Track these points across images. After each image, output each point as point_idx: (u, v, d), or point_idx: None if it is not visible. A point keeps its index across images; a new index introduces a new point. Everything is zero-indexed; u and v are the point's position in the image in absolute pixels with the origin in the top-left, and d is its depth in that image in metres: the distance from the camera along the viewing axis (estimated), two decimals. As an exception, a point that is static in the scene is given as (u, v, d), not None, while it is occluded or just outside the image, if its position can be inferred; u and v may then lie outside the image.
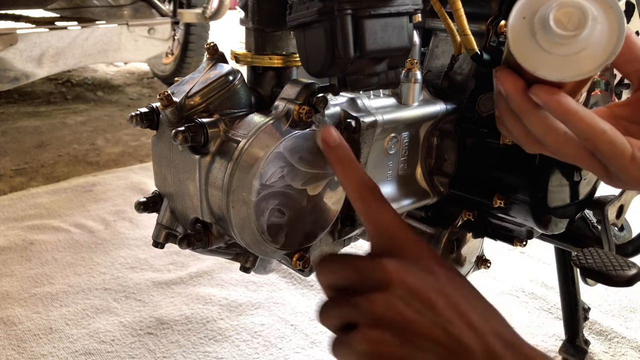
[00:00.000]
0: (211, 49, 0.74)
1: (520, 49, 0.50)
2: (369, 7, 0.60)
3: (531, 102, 0.52)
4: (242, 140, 0.65)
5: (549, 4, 0.49)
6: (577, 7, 0.48)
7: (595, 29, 0.48)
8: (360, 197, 0.50)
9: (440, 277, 0.46)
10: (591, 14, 0.48)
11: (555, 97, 0.50)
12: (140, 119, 0.71)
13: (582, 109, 0.50)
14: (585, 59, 0.49)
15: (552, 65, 0.49)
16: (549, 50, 0.49)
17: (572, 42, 0.48)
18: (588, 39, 0.48)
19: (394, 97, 0.81)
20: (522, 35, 0.50)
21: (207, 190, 0.67)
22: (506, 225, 0.90)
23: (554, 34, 0.48)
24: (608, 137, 0.49)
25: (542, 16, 0.49)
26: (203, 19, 3.23)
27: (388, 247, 0.48)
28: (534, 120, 0.53)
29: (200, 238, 0.69)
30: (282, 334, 1.30)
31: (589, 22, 0.48)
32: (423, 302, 0.44)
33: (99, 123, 3.02)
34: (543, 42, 0.49)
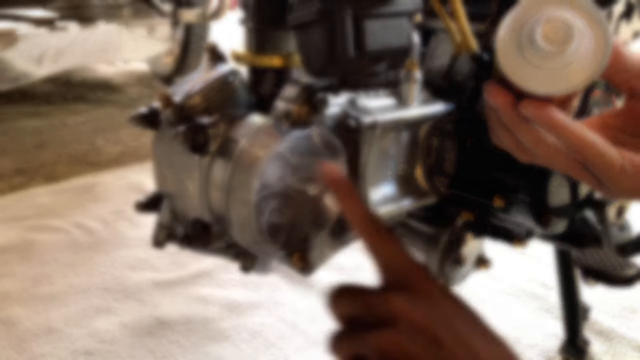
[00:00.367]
0: (211, 49, 0.74)
1: (509, 62, 0.51)
2: (369, 7, 0.60)
3: (521, 115, 0.52)
4: (242, 140, 0.65)
5: (536, 19, 0.49)
6: (564, 22, 0.48)
7: (582, 43, 0.48)
8: (366, 232, 0.51)
9: (447, 310, 0.47)
10: (577, 28, 0.48)
11: (544, 111, 0.50)
12: (140, 119, 0.71)
13: (572, 122, 0.50)
14: (573, 72, 0.49)
15: (540, 80, 0.50)
16: (536, 64, 0.49)
17: (559, 57, 0.49)
18: (575, 53, 0.48)
19: (394, 97, 0.81)
20: (510, 48, 0.51)
21: (207, 190, 0.67)
22: (506, 225, 0.90)
23: (541, 48, 0.49)
24: (597, 149, 0.50)
25: (529, 30, 0.50)
26: (203, 19, 3.23)
27: (395, 281, 0.49)
28: (525, 133, 0.53)
29: (200, 238, 0.69)
30: (282, 334, 1.30)
31: (575, 37, 0.48)
32: (429, 338, 0.44)
33: (99, 123, 3.02)
34: (530, 56, 0.50)
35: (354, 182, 0.75)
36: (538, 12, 0.50)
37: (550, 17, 0.49)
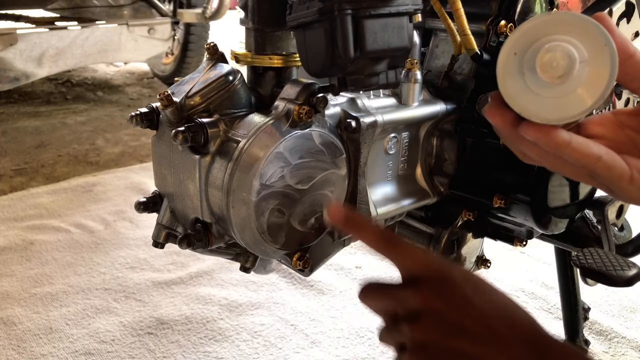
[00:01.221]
0: (211, 49, 0.74)
1: (508, 87, 0.49)
2: (369, 7, 0.60)
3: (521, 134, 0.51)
4: (242, 140, 0.65)
5: (538, 45, 0.47)
6: (564, 53, 0.46)
7: (584, 71, 0.46)
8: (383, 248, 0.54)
9: (465, 291, 0.50)
10: (579, 58, 0.46)
11: (544, 133, 0.49)
12: (140, 119, 0.71)
13: (575, 139, 0.49)
14: (574, 102, 0.47)
15: (540, 107, 0.48)
16: (536, 92, 0.48)
17: (560, 86, 0.47)
18: (577, 81, 0.47)
19: (394, 97, 0.81)
20: (511, 73, 0.49)
21: (207, 190, 0.67)
22: (506, 225, 0.90)
23: (541, 78, 0.47)
24: (604, 163, 0.49)
25: (530, 57, 0.48)
26: (203, 19, 3.23)
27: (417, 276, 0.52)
28: (527, 149, 0.53)
29: (200, 238, 0.69)
30: (282, 334, 1.30)
31: (576, 67, 0.46)
32: (452, 323, 0.49)
33: (99, 123, 3.02)
34: (531, 83, 0.48)
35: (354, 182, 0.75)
36: (539, 37, 0.47)
37: (550, 46, 0.47)
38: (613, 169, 0.49)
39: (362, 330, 1.32)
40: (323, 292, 1.46)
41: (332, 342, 1.28)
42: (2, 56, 2.63)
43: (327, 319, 1.36)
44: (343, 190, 0.73)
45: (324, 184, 0.70)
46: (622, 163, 0.50)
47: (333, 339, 1.29)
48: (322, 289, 1.47)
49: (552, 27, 0.47)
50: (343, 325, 1.33)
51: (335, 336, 1.30)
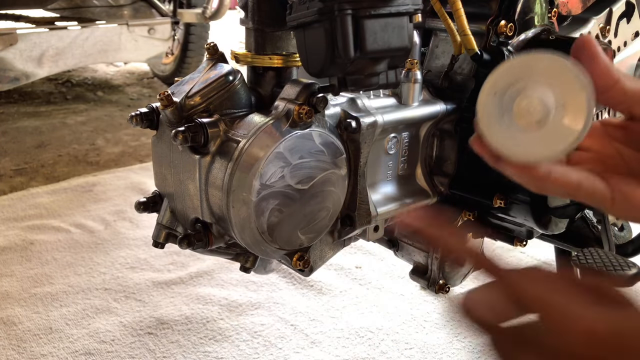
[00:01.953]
0: (211, 49, 0.74)
1: (488, 125, 0.50)
2: (369, 7, 0.60)
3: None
4: (242, 140, 0.65)
5: (516, 88, 0.48)
6: (540, 100, 0.47)
7: (561, 114, 0.47)
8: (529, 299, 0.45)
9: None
10: (556, 101, 0.47)
11: (522, 170, 0.50)
12: (140, 119, 0.71)
13: (554, 169, 0.49)
14: (551, 142, 0.47)
15: (517, 148, 0.49)
16: (513, 133, 0.48)
17: (536, 131, 0.48)
18: (553, 124, 0.47)
19: (394, 97, 0.81)
20: (491, 112, 0.50)
21: (207, 190, 0.67)
22: (506, 225, 0.90)
23: (517, 123, 0.48)
24: (585, 190, 0.49)
25: (508, 100, 0.48)
26: (203, 19, 3.23)
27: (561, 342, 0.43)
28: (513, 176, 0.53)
29: (200, 238, 0.69)
30: (282, 334, 1.30)
31: (552, 112, 0.47)
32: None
33: (99, 123, 3.02)
34: (509, 124, 0.49)
35: (354, 182, 0.75)
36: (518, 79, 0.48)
37: (527, 92, 0.47)
38: (594, 194, 0.50)
39: (362, 330, 1.32)
40: (323, 292, 1.46)
41: (332, 342, 1.28)
42: (2, 56, 2.63)
43: (327, 319, 1.36)
44: (343, 190, 0.73)
45: (324, 184, 0.70)
46: (603, 187, 0.50)
47: (333, 339, 1.29)
48: (322, 289, 1.47)
49: (529, 69, 0.48)
50: (343, 325, 1.33)
51: (335, 336, 1.30)
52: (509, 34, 0.82)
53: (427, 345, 1.27)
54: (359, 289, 1.48)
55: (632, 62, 1.11)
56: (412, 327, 1.33)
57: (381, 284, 1.50)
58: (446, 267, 0.92)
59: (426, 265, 0.92)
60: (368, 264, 1.60)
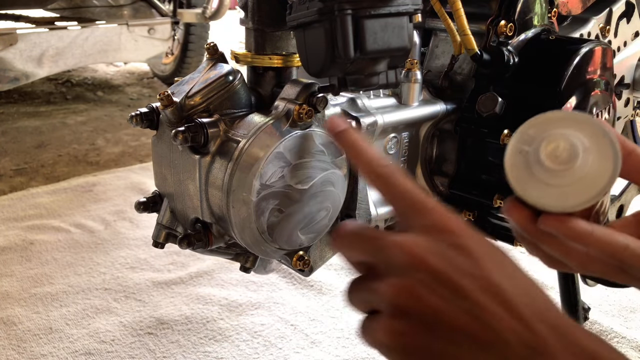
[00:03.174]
0: (211, 49, 0.74)
1: (520, 182, 0.51)
2: (369, 7, 0.60)
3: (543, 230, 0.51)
4: (242, 140, 0.65)
5: (539, 139, 0.49)
6: (566, 141, 0.48)
7: (589, 158, 0.48)
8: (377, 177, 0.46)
9: (471, 253, 0.41)
10: (581, 146, 0.48)
11: (564, 224, 0.49)
12: (140, 119, 0.71)
13: (597, 229, 0.49)
14: (584, 187, 0.48)
15: (552, 197, 0.49)
16: (547, 182, 0.49)
17: (567, 174, 0.48)
18: (583, 168, 0.48)
19: (394, 97, 0.81)
20: (520, 169, 0.51)
21: (207, 190, 0.67)
22: (506, 225, 0.90)
23: (548, 168, 0.49)
24: (632, 251, 0.48)
25: (534, 151, 0.50)
26: (203, 19, 3.23)
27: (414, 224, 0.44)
28: (552, 247, 0.52)
29: (200, 238, 0.69)
30: (282, 334, 1.30)
31: (579, 154, 0.48)
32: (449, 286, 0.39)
33: (99, 123, 3.02)
34: (540, 175, 0.50)
35: (354, 182, 0.75)
36: (541, 132, 0.50)
37: (552, 136, 0.49)
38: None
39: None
40: (323, 292, 1.46)
41: (332, 342, 1.28)
42: (2, 56, 2.63)
43: (327, 319, 1.36)
44: (343, 190, 0.73)
45: (324, 184, 0.70)
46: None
47: (333, 339, 1.29)
48: (322, 289, 1.47)
49: (550, 124, 0.50)
50: (343, 325, 1.33)
51: (335, 336, 1.30)
52: (509, 34, 0.82)
53: (427, 345, 1.27)
54: (359, 289, 1.48)
55: (632, 62, 1.11)
56: (412, 327, 1.33)
57: (381, 284, 1.50)
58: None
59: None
60: (368, 264, 1.60)
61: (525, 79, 0.83)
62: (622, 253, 0.48)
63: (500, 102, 0.78)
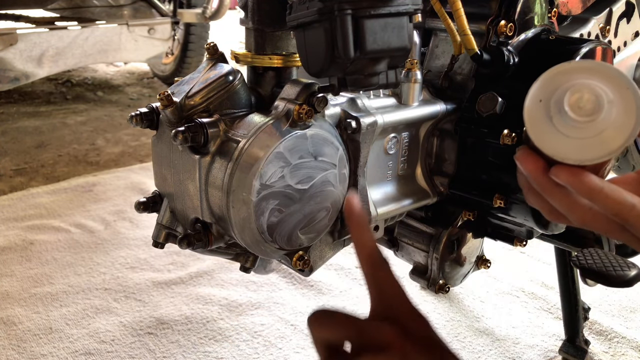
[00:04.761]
0: (211, 49, 0.74)
1: (538, 132, 0.50)
2: (369, 7, 0.60)
3: (553, 181, 0.51)
4: (242, 140, 0.65)
5: (564, 88, 0.48)
6: (592, 93, 0.47)
7: (612, 112, 0.47)
8: (370, 263, 0.51)
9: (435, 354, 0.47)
10: (606, 98, 0.47)
11: (577, 177, 0.49)
12: (140, 119, 0.71)
13: (608, 185, 0.49)
14: (604, 141, 0.48)
15: (571, 148, 0.49)
16: (566, 133, 0.49)
17: (589, 126, 0.48)
18: (605, 121, 0.47)
19: (394, 97, 0.81)
20: (539, 118, 0.50)
21: (207, 190, 0.67)
22: (506, 225, 0.90)
23: (570, 119, 0.48)
24: (638, 212, 0.48)
25: (557, 100, 0.49)
26: (203, 19, 3.23)
27: (388, 315, 0.49)
28: (558, 199, 0.52)
29: (200, 238, 0.69)
30: (282, 334, 1.30)
31: (604, 107, 0.47)
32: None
33: (99, 123, 3.02)
34: (560, 125, 0.49)
35: (354, 182, 0.75)
36: (563, 83, 0.49)
37: (577, 87, 0.48)
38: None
39: None
40: (323, 292, 1.46)
41: (332, 342, 1.28)
42: (2, 56, 2.63)
43: (327, 319, 1.36)
44: (343, 190, 0.73)
45: (324, 184, 0.70)
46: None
47: (333, 339, 1.29)
48: (322, 289, 1.47)
49: (573, 74, 0.49)
50: (343, 325, 1.33)
51: (335, 336, 1.30)
52: (509, 34, 0.82)
53: (427, 345, 1.27)
54: (359, 289, 1.48)
55: (632, 62, 1.11)
56: (412, 327, 1.33)
57: (381, 284, 1.50)
58: (446, 267, 0.92)
59: (426, 265, 0.92)
60: (368, 264, 1.60)
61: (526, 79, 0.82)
62: (628, 213, 0.48)
63: (500, 102, 0.78)
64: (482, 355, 1.25)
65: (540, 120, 0.50)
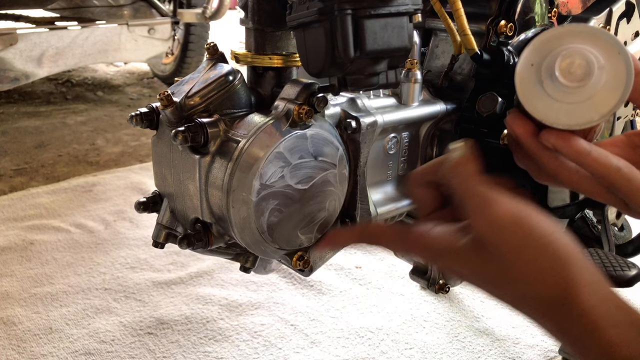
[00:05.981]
0: (211, 49, 0.74)
1: (528, 96, 0.50)
2: (369, 7, 0.60)
3: (541, 144, 0.52)
4: (242, 140, 0.65)
5: (556, 53, 0.48)
6: (583, 58, 0.47)
7: (602, 77, 0.48)
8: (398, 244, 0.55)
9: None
10: (597, 63, 0.47)
11: (565, 141, 0.50)
12: (140, 119, 0.71)
13: (595, 149, 0.50)
14: (593, 106, 0.48)
15: (560, 113, 0.49)
16: (556, 98, 0.49)
17: (579, 91, 0.48)
18: (595, 86, 0.48)
19: (394, 97, 0.81)
20: (530, 82, 0.50)
21: (207, 190, 0.67)
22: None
23: (560, 83, 0.48)
24: (623, 175, 0.49)
25: (548, 65, 0.49)
26: (203, 19, 3.23)
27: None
28: (546, 161, 0.53)
29: (200, 238, 0.69)
30: (282, 334, 1.30)
31: (594, 72, 0.47)
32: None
33: (99, 123, 3.02)
34: (550, 90, 0.49)
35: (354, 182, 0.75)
36: (555, 47, 0.49)
37: (568, 52, 0.48)
38: (633, 180, 0.49)
39: (362, 330, 1.32)
40: (323, 292, 1.46)
41: (332, 342, 1.28)
42: (2, 56, 2.63)
43: (327, 319, 1.36)
44: (343, 190, 0.73)
45: (324, 184, 0.70)
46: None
47: (333, 339, 1.29)
48: (322, 289, 1.47)
49: (567, 38, 0.49)
50: (343, 325, 1.33)
51: (335, 336, 1.30)
52: (509, 34, 0.82)
53: (427, 345, 1.27)
54: (359, 289, 1.48)
55: (632, 62, 1.10)
56: (412, 327, 1.33)
57: (381, 284, 1.50)
58: (446, 267, 0.92)
59: (426, 265, 0.92)
60: (368, 264, 1.60)
61: (525, 79, 0.82)
62: (613, 176, 0.49)
63: (500, 102, 0.78)
64: (482, 355, 1.25)
65: (531, 84, 0.50)
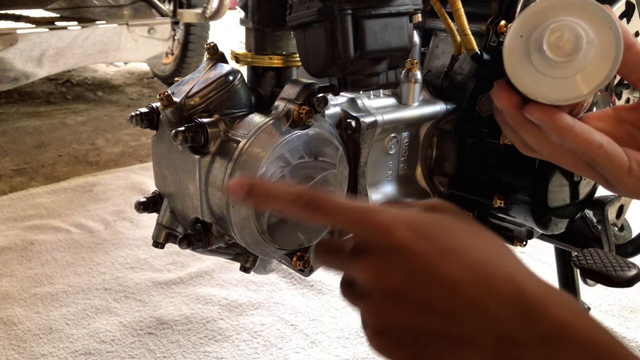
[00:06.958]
0: (211, 49, 0.74)
1: (515, 68, 0.50)
2: (369, 7, 0.60)
3: (526, 117, 0.52)
4: (242, 140, 0.65)
5: (545, 25, 0.48)
6: (572, 32, 0.47)
7: (590, 52, 0.47)
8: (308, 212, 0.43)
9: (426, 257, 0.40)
10: (586, 38, 0.47)
11: (549, 115, 0.50)
12: (140, 119, 0.71)
13: (578, 124, 0.50)
14: (580, 82, 0.48)
15: (546, 88, 0.48)
16: (543, 72, 0.48)
17: (566, 66, 0.47)
18: (582, 62, 0.47)
19: (394, 97, 0.81)
20: (517, 55, 0.49)
21: (207, 190, 0.67)
22: (506, 225, 0.90)
23: (548, 57, 0.47)
24: (604, 151, 0.49)
25: (536, 39, 0.48)
26: (203, 19, 3.23)
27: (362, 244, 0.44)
28: (529, 135, 0.53)
29: (200, 238, 0.69)
30: (282, 334, 1.30)
31: (583, 47, 0.47)
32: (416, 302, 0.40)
33: (99, 123, 3.02)
34: (537, 64, 0.48)
35: (354, 182, 0.75)
36: (546, 19, 0.48)
37: (557, 25, 0.47)
38: (613, 157, 0.50)
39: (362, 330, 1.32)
40: (323, 292, 1.46)
41: (332, 342, 1.28)
42: (2, 56, 2.63)
43: (327, 319, 1.36)
44: (343, 190, 0.73)
45: (324, 184, 0.70)
46: (622, 153, 0.50)
47: (333, 339, 1.29)
48: (322, 289, 1.47)
49: (557, 10, 0.48)
50: (343, 325, 1.33)
51: (335, 336, 1.30)
52: (509, 34, 0.82)
53: (427, 345, 1.27)
54: (359, 289, 1.48)
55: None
56: (412, 327, 1.33)
57: (381, 284, 1.50)
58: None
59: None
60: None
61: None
62: (595, 152, 0.49)
63: (500, 102, 0.78)
64: (482, 355, 1.25)
65: (518, 56, 0.50)
